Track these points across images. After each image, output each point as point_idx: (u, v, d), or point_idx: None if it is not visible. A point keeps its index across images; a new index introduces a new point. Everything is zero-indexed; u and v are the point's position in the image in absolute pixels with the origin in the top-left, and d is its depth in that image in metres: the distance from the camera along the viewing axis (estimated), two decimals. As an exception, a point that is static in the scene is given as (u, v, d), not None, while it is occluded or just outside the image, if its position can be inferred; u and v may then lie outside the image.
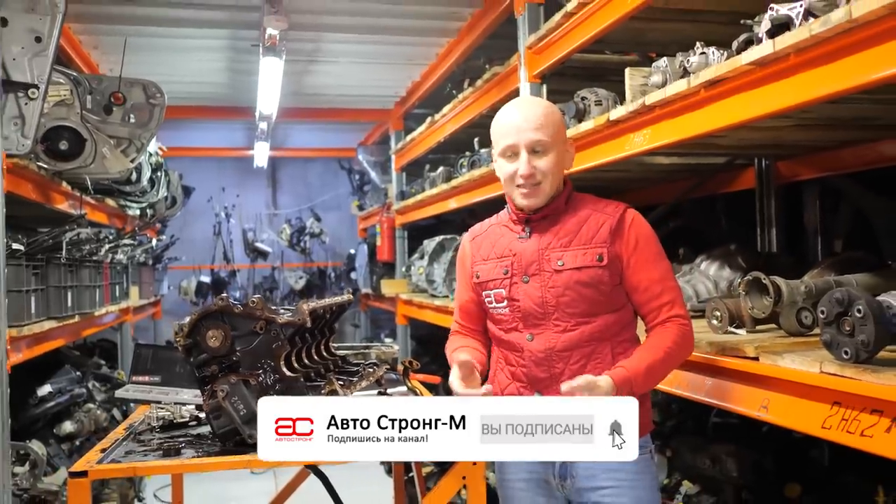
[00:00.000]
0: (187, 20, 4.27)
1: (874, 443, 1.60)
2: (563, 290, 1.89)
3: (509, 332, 1.96)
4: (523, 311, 1.92)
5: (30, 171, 3.32)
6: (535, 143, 1.88)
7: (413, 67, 5.43)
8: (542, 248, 1.93)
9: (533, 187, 1.89)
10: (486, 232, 2.05)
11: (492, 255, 2.00)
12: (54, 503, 3.62)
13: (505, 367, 1.99)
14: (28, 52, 3.08)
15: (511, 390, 1.97)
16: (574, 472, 1.92)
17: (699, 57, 2.18)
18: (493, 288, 1.97)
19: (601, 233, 1.90)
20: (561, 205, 1.95)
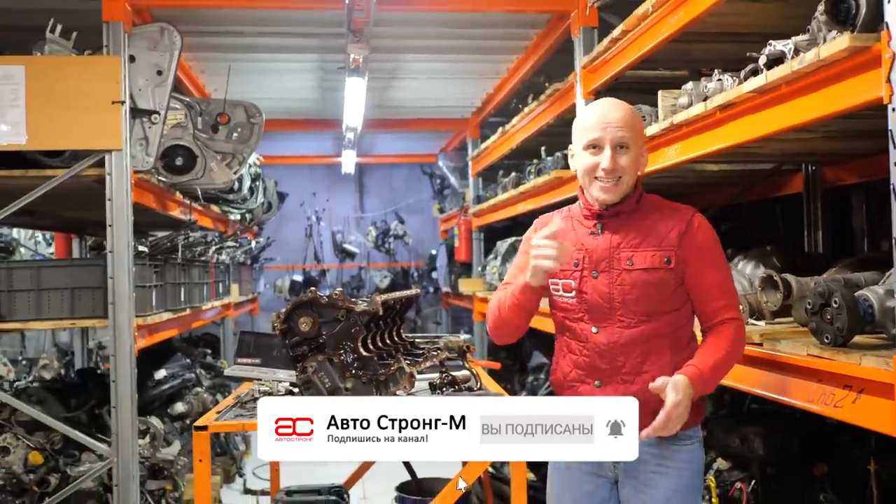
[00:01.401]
0: (282, 46, 4.81)
1: (843, 412, 1.90)
2: (630, 288, 1.96)
3: (575, 321, 2.03)
4: (590, 304, 1.99)
5: (151, 184, 3.88)
6: (620, 139, 1.95)
7: (486, 81, 5.83)
8: (614, 246, 1.99)
9: (613, 182, 1.95)
10: (558, 220, 2.08)
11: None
12: (170, 469, 4.19)
13: (567, 355, 2.06)
14: (151, 84, 3.64)
15: (573, 377, 2.04)
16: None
17: (716, 83, 2.50)
18: (562, 278, 2.03)
19: (670, 236, 1.97)
20: (632, 204, 2.01)
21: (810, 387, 2.06)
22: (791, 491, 2.88)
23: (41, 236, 7.85)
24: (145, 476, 3.98)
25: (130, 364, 3.51)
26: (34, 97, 3.31)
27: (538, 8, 3.95)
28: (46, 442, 3.79)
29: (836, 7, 1.85)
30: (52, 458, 3.77)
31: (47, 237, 7.87)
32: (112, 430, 3.50)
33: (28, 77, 3.33)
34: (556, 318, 2.10)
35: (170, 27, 3.61)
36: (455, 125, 7.43)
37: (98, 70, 3.41)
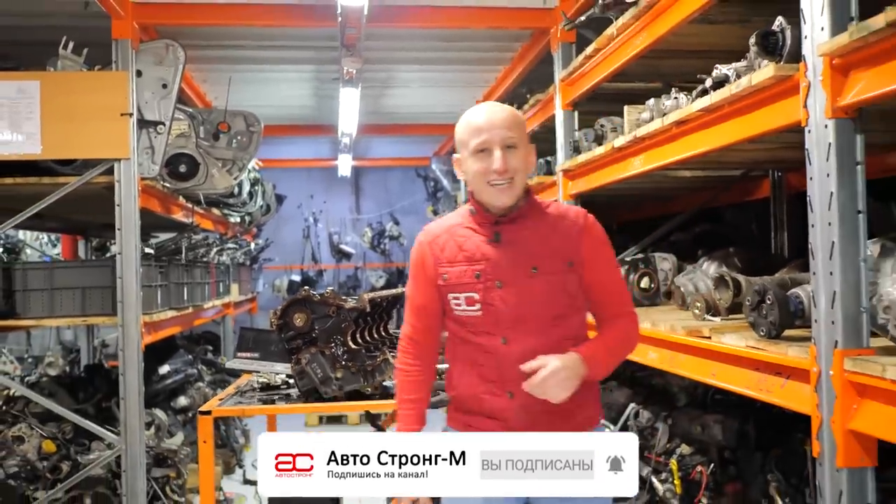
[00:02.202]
0: (280, 59, 5.07)
1: (774, 396, 2.16)
2: (538, 295, 1.93)
3: (479, 335, 1.97)
4: (498, 316, 1.95)
5: (157, 190, 4.13)
6: (508, 139, 1.91)
7: (476, 89, 6.07)
8: (515, 254, 1.96)
9: (507, 183, 1.90)
10: (448, 232, 2.02)
11: (459, 258, 1.98)
12: (174, 458, 4.43)
13: (474, 368, 2.00)
14: (157, 96, 3.89)
15: (481, 390, 1.99)
16: None
17: (672, 100, 2.75)
18: (463, 291, 1.96)
19: (569, 238, 1.97)
20: (527, 209, 1.98)
21: (749, 375, 2.31)
22: (746, 472, 3.13)
23: (46, 237, 8.11)
24: (150, 464, 4.21)
25: (138, 358, 3.76)
26: (48, 110, 3.55)
27: (520, 25, 4.20)
28: (58, 432, 4.03)
29: (765, 39, 2.10)
30: (63, 446, 4.01)
31: (52, 238, 8.13)
32: (120, 419, 3.74)
33: (43, 91, 3.57)
34: (455, 332, 2.03)
35: (174, 44, 3.85)
36: (447, 130, 7.62)
37: (107, 84, 3.65)
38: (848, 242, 1.84)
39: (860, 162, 1.85)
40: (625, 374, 4.36)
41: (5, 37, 4.28)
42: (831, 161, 1.85)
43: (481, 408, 1.99)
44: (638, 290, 3.73)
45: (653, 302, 3.76)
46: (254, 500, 5.09)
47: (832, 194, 1.85)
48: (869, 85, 1.75)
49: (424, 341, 2.09)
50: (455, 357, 2.06)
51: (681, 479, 3.22)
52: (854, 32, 1.69)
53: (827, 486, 1.88)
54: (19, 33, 4.20)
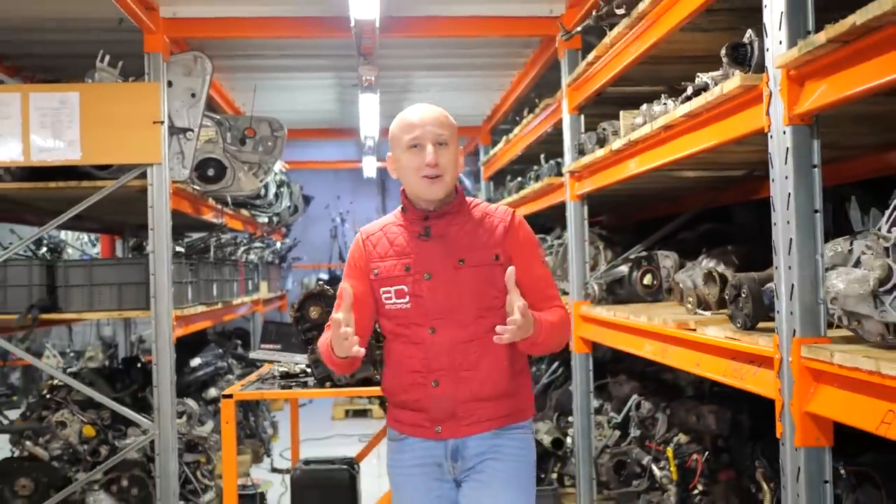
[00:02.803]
0: (302, 67, 5.31)
1: (746, 383, 2.32)
2: (464, 286, 2.03)
3: (409, 326, 2.06)
4: (426, 307, 2.04)
5: (187, 193, 4.39)
6: (439, 137, 2.02)
7: (492, 93, 6.27)
8: (443, 247, 2.06)
9: (437, 177, 2.01)
10: (382, 230, 2.14)
11: (390, 252, 2.09)
12: (204, 445, 4.70)
13: (402, 360, 2.10)
14: (186, 105, 4.14)
15: (407, 381, 2.09)
16: (465, 452, 2.11)
17: (661, 106, 2.92)
18: (393, 284, 2.07)
19: (496, 234, 2.08)
20: (457, 205, 2.09)
21: (727, 364, 2.47)
22: (739, 461, 3.28)
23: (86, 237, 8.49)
24: (182, 450, 4.48)
25: (170, 349, 4.02)
26: (87, 119, 3.82)
27: (528, 33, 4.37)
28: (98, 418, 4.32)
29: (735, 51, 2.27)
30: (102, 431, 4.30)
31: (92, 238, 8.51)
32: (154, 406, 4.01)
33: (82, 101, 3.85)
34: (386, 326, 2.13)
35: (202, 56, 4.10)
36: (467, 132, 7.88)
37: (141, 95, 3.91)
38: (805, 239, 2.01)
39: (816, 165, 2.01)
40: (634, 370, 4.53)
41: (48, 50, 4.58)
42: (789, 164, 2.01)
43: (407, 399, 2.10)
44: (641, 286, 3.89)
45: (655, 298, 3.91)
46: (280, 486, 5.35)
47: (790, 195, 2.01)
48: (822, 94, 1.91)
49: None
50: (388, 356, 2.15)
51: (677, 467, 3.38)
52: (802, 47, 1.86)
53: (788, 464, 2.05)
54: (60, 47, 4.49)
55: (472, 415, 2.06)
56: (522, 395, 2.16)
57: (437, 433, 2.10)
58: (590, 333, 4.02)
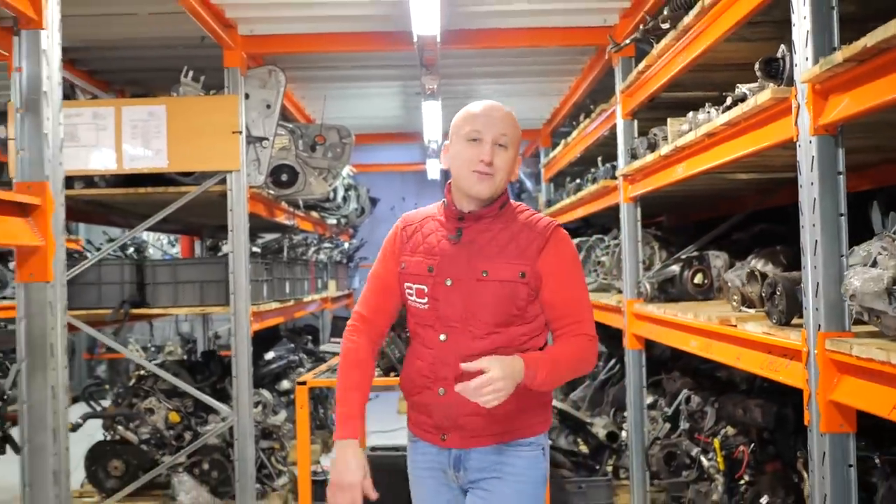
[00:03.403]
0: (369, 77, 5.61)
1: (780, 375, 2.48)
2: (483, 299, 1.95)
3: (425, 327, 2.02)
4: (441, 312, 1.98)
5: (262, 197, 4.72)
6: (501, 137, 1.96)
7: (552, 97, 6.44)
8: (470, 254, 1.98)
9: (488, 176, 1.94)
10: (420, 223, 2.09)
11: (420, 249, 2.04)
12: (278, 433, 5.03)
13: (415, 361, 2.06)
14: (262, 116, 4.46)
15: (419, 383, 2.05)
16: (467, 464, 2.05)
17: (704, 114, 3.07)
18: (416, 283, 2.02)
19: (529, 250, 1.97)
20: (496, 209, 2.01)
21: (764, 357, 2.62)
22: (785, 453, 3.40)
23: (165, 238, 9.00)
24: (258, 436, 4.81)
25: (247, 342, 4.34)
26: (173, 129, 4.17)
27: (584, 42, 4.55)
28: (181, 405, 4.68)
29: (767, 65, 2.43)
30: (186, 418, 4.66)
31: (171, 238, 9.02)
32: (232, 395, 4.33)
33: (168, 113, 4.20)
34: (410, 321, 2.09)
35: (276, 69, 4.42)
36: (528, 135, 8.06)
37: (221, 107, 4.23)
38: (830, 241, 2.16)
39: (841, 172, 2.17)
40: (690, 367, 4.66)
41: (137, 65, 4.97)
42: (815, 171, 2.17)
43: (417, 401, 2.07)
44: (692, 285, 4.03)
45: (706, 297, 4.04)
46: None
47: (815, 200, 2.17)
48: (845, 107, 2.06)
49: (374, 320, 2.12)
50: (409, 347, 2.13)
51: (724, 458, 3.52)
52: (823, 65, 2.01)
53: (815, 449, 2.20)
54: (148, 62, 4.88)
55: (476, 428, 1.99)
56: (534, 411, 2.05)
57: (442, 441, 2.06)
58: (642, 330, 4.17)
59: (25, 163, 2.17)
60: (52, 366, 2.16)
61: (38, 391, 2.16)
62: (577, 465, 4.75)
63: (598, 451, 4.86)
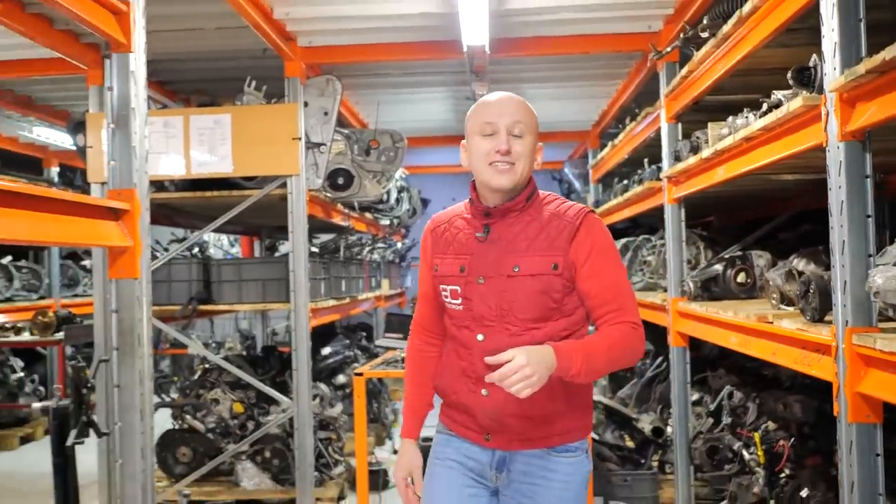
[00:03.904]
0: (420, 83, 5.82)
1: (812, 369, 2.59)
2: (517, 294, 1.90)
3: (461, 329, 1.98)
4: (475, 312, 1.94)
5: (320, 199, 4.96)
6: (515, 124, 1.92)
7: (599, 100, 6.56)
8: (500, 251, 1.94)
9: (508, 165, 1.90)
10: (448, 223, 2.07)
11: (450, 250, 2.01)
12: (334, 424, 5.27)
13: (455, 362, 2.02)
14: (319, 122, 4.70)
15: (459, 385, 2.01)
16: (511, 466, 2.01)
17: (743, 119, 3.19)
18: (449, 284, 1.98)
19: (559, 240, 1.91)
20: (522, 201, 1.95)
21: (798, 352, 2.74)
22: (825, 447, 3.50)
23: (225, 238, 9.37)
24: (316, 427, 5.06)
25: (306, 337, 4.58)
26: (237, 136, 4.44)
27: (629, 48, 4.67)
28: (245, 397, 4.96)
29: (800, 73, 2.55)
30: (249, 409, 4.93)
31: (231, 238, 9.38)
32: (293, 387, 4.59)
33: (233, 121, 4.47)
34: (446, 323, 2.07)
35: (333, 78, 4.65)
36: (577, 137, 8.18)
37: (281, 114, 4.49)
38: (857, 241, 2.27)
39: (868, 175, 2.28)
40: (737, 365, 4.75)
41: (203, 76, 5.27)
42: (842, 175, 2.29)
43: (459, 401, 2.02)
44: (735, 284, 4.13)
45: (750, 295, 4.13)
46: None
47: (843, 202, 2.29)
48: (872, 114, 2.18)
49: (430, 326, 2.16)
50: (446, 349, 2.10)
51: (764, 451, 3.63)
52: (848, 75, 2.14)
53: (843, 439, 2.33)
54: (213, 73, 5.17)
55: (523, 431, 1.97)
56: (577, 414, 2.03)
57: (485, 441, 2.03)
58: (686, 328, 4.29)
59: (116, 172, 2.42)
60: (140, 354, 2.41)
61: (127, 376, 2.42)
62: (622, 459, 4.88)
63: (643, 446, 4.99)
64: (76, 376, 3.28)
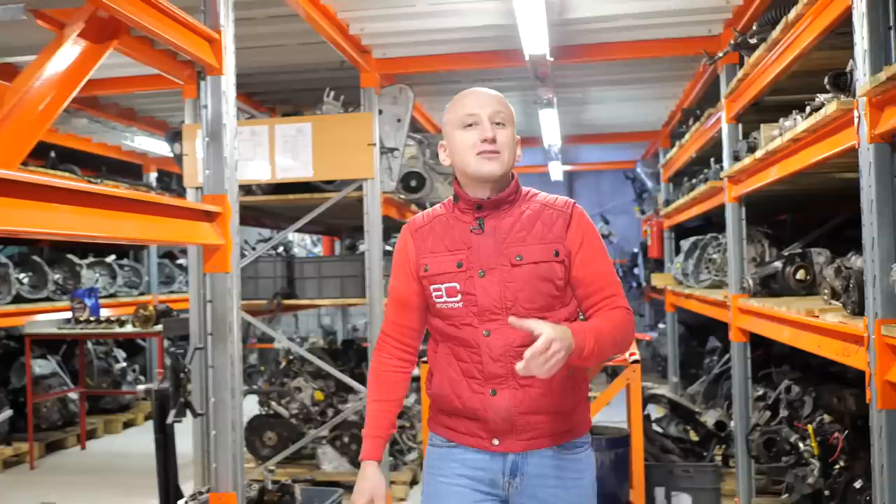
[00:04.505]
0: (494, 88, 6.06)
1: (850, 360, 2.72)
2: (522, 284, 1.87)
3: (462, 327, 1.89)
4: (480, 306, 1.88)
5: (394, 201, 5.27)
6: (497, 114, 1.91)
7: (668, 100, 6.65)
8: (499, 241, 1.90)
9: (495, 154, 1.88)
10: (432, 224, 1.99)
11: (441, 247, 1.94)
12: (408, 413, 5.58)
13: (455, 364, 1.92)
14: (393, 129, 5.01)
15: (463, 387, 1.92)
16: (524, 469, 1.94)
17: (791, 121, 3.32)
18: (444, 282, 1.91)
19: (556, 228, 1.91)
20: (513, 192, 1.94)
21: (839, 344, 2.87)
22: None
23: (308, 238, 9.84)
24: (390, 415, 5.38)
25: (380, 331, 4.90)
26: (317, 143, 4.79)
27: (692, 51, 4.80)
28: (325, 386, 5.32)
29: (836, 79, 2.69)
30: (329, 397, 5.29)
31: (314, 238, 9.85)
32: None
33: (313, 130, 4.82)
34: (436, 326, 1.97)
35: (405, 87, 4.95)
36: (648, 136, 8.27)
37: (358, 123, 4.82)
38: (885, 238, 2.41)
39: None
40: (802, 361, 4.82)
41: (287, 87, 5.67)
42: (871, 175, 2.42)
43: (463, 406, 1.93)
44: (794, 280, 4.22)
45: (809, 292, 4.21)
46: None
47: (872, 201, 2.42)
48: (898, 117, 2.32)
49: (402, 337, 2.04)
50: (437, 354, 1.99)
51: (819, 443, 3.73)
52: (872, 81, 2.28)
53: (874, 424, 2.46)
54: (296, 84, 5.56)
55: (534, 429, 1.92)
56: (582, 409, 2.03)
57: (494, 446, 1.94)
58: (745, 324, 4.40)
59: (210, 179, 2.77)
60: (231, 339, 2.75)
61: (220, 358, 2.76)
62: (685, 451, 5.01)
63: (706, 440, 5.11)
64: (175, 362, 3.69)
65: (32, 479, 5.91)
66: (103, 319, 6.45)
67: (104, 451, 6.68)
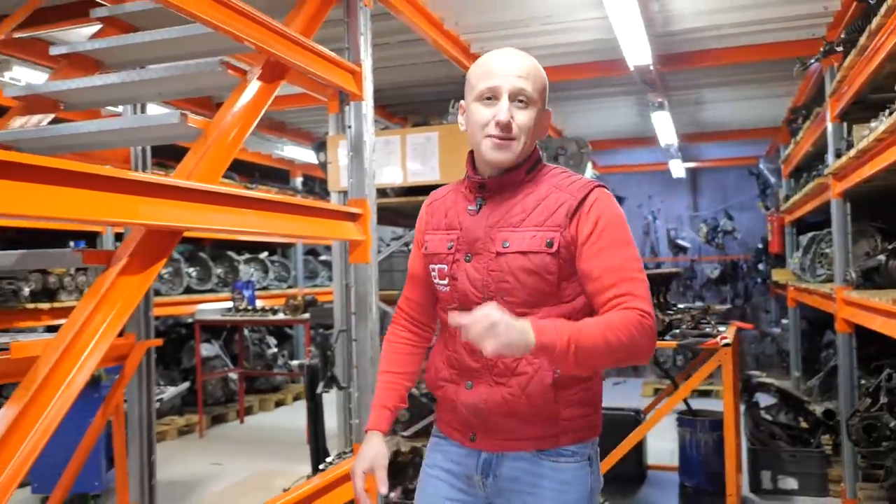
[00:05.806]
0: (603, 94, 6.45)
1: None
2: (504, 274, 1.66)
3: (447, 313, 1.70)
4: (460, 293, 1.71)
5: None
6: (520, 91, 1.64)
7: (784, 99, 6.76)
8: (490, 225, 1.69)
9: (506, 139, 1.64)
10: (444, 198, 1.83)
11: (441, 225, 1.79)
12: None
13: (443, 351, 1.80)
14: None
15: (444, 376, 1.79)
16: (497, 471, 1.74)
17: (877, 122, 3.54)
18: (437, 262, 1.77)
19: (557, 215, 1.64)
20: (521, 174, 1.70)
21: (885, 321, 3.11)
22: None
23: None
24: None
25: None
26: (443, 150, 5.33)
27: (796, 54, 5.00)
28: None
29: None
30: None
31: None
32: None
33: (440, 138, 5.37)
34: (438, 309, 1.85)
35: (523, 97, 5.42)
36: (769, 133, 8.33)
37: (479, 130, 5.33)
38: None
39: (957, 174, 2.67)
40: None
41: (416, 99, 6.28)
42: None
43: (444, 396, 1.80)
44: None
45: (913, 284, 4.37)
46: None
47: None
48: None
49: (414, 313, 1.93)
50: (440, 335, 1.87)
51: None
52: (926, 91, 2.56)
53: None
54: (425, 97, 6.16)
55: (507, 430, 1.71)
56: (574, 413, 1.72)
57: (471, 441, 1.78)
58: (848, 315, 4.58)
59: (353, 186, 3.37)
60: (370, 318, 3.34)
61: (361, 332, 3.35)
62: (793, 438, 5.22)
63: (815, 428, 5.28)
64: (323, 342, 4.35)
65: (202, 445, 6.84)
66: (258, 308, 7.31)
67: (259, 425, 7.56)
